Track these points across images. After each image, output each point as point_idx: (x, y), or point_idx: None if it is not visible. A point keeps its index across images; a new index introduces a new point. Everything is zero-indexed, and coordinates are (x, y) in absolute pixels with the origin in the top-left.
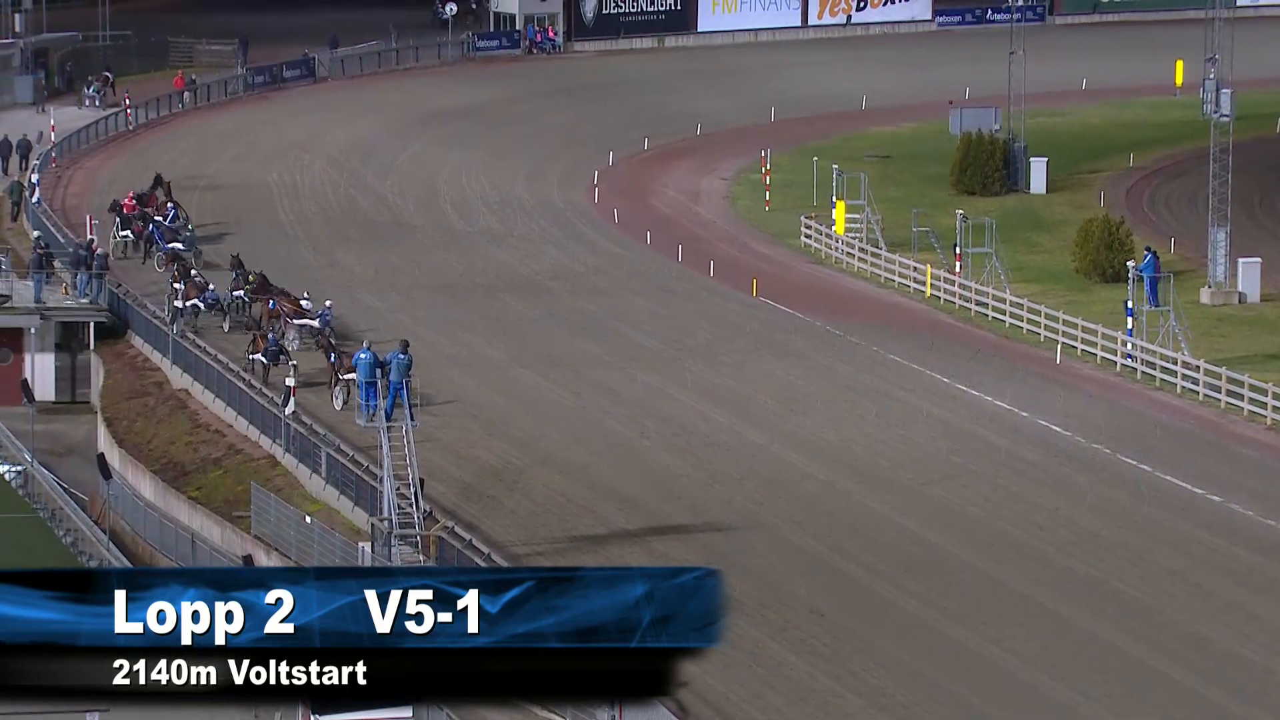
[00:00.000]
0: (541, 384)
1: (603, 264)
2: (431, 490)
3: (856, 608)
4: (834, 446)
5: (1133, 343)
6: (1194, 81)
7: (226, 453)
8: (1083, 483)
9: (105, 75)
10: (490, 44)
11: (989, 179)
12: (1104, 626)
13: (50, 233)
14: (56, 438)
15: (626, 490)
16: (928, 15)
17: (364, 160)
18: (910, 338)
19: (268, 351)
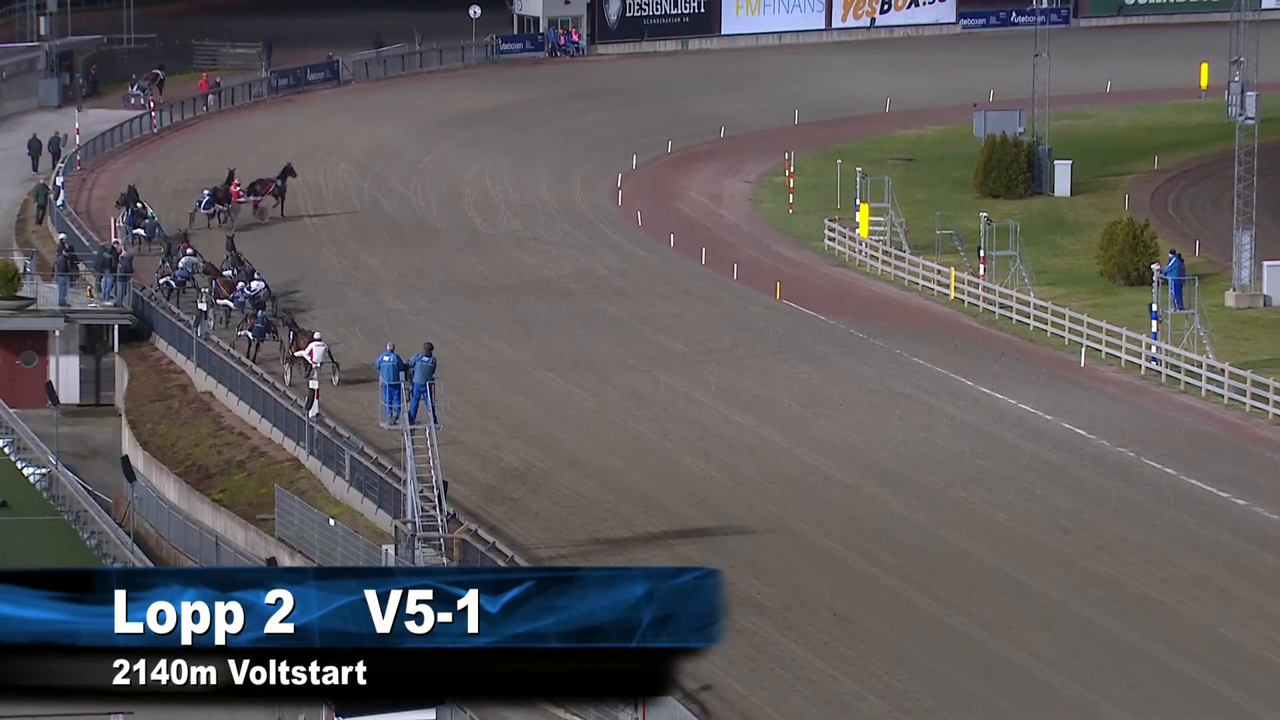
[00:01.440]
0: (565, 387)
1: (626, 267)
2: (455, 493)
3: (880, 611)
4: (857, 449)
5: (1157, 346)
6: (1219, 84)
7: (250, 455)
8: (1107, 486)
9: (155, 73)
10: (514, 46)
11: (1013, 182)
12: (1128, 630)
13: (75, 235)
14: (81, 440)
15: (650, 493)
16: (952, 17)
17: (388, 163)
18: (934, 341)
19: (254, 329)
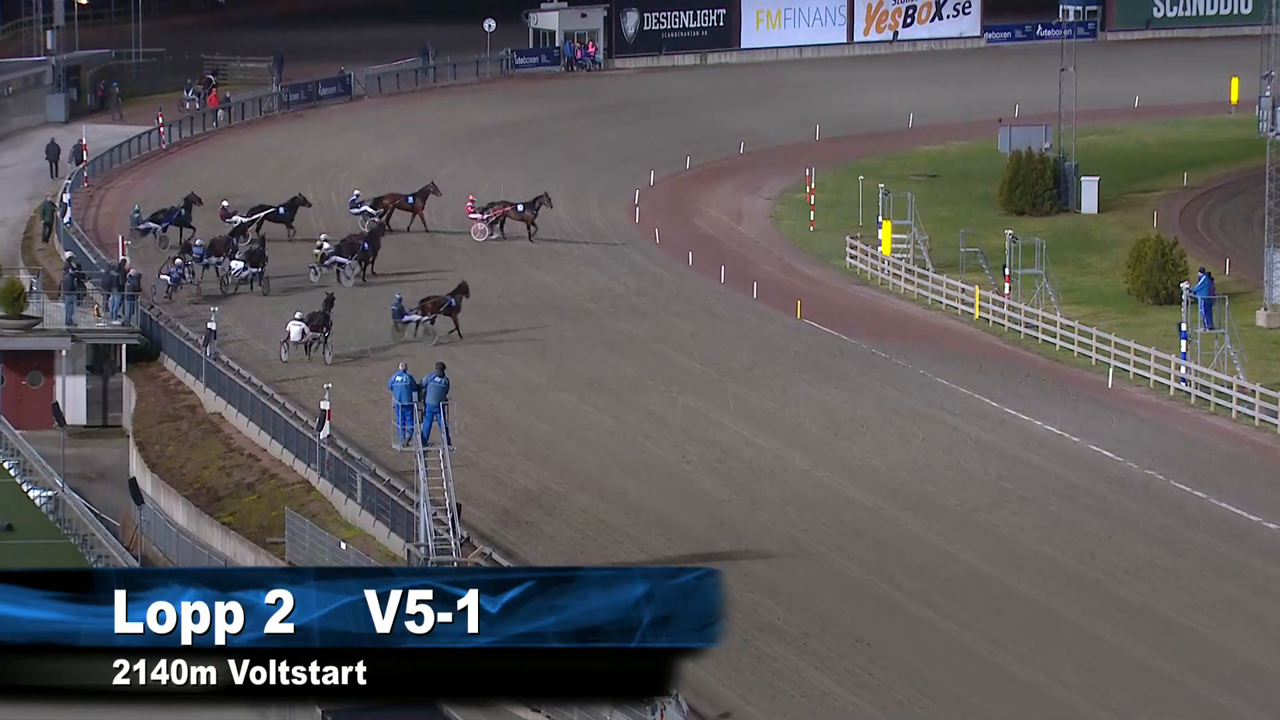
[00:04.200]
0: (581, 407)
1: (644, 285)
2: (469, 516)
3: (903, 637)
4: (880, 472)
5: (1186, 366)
6: (1249, 99)
7: (260, 477)
8: (1135, 509)
9: (208, 78)
10: (529, 61)
11: (1039, 198)
12: (1157, 657)
13: (82, 253)
14: (88, 462)
15: (668, 516)
16: (976, 31)
17: (401, 179)
18: (958, 361)
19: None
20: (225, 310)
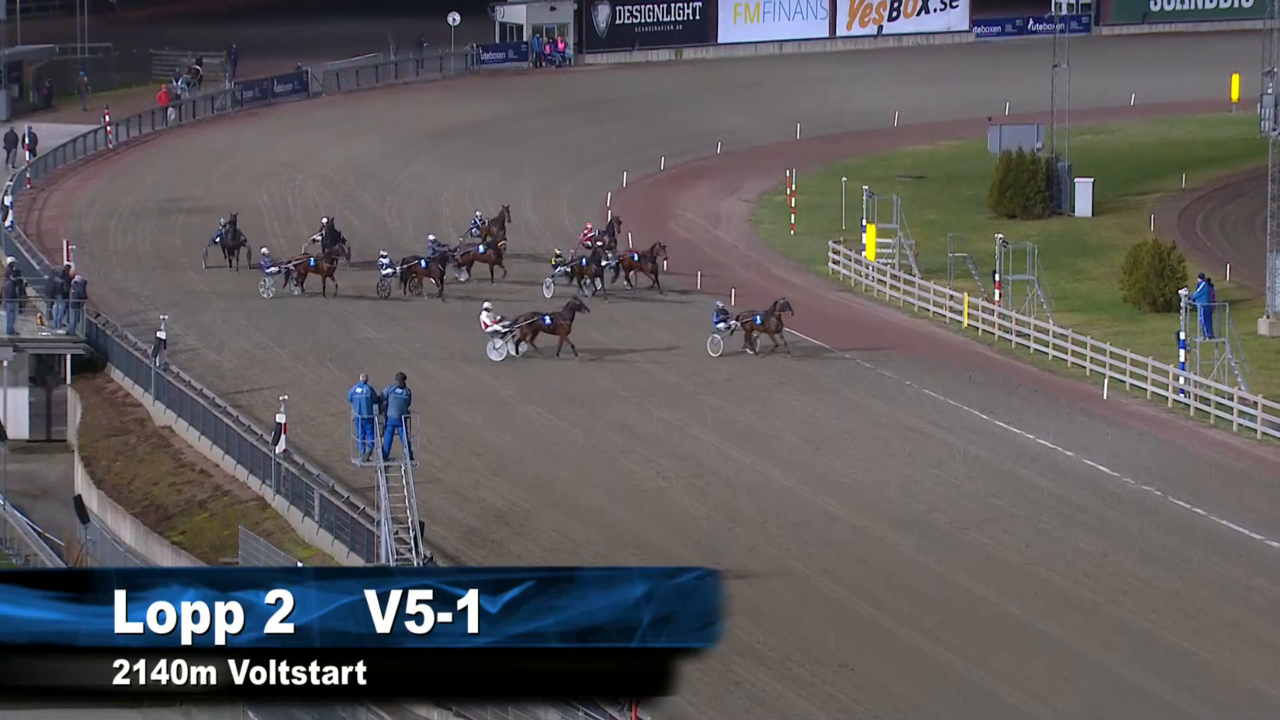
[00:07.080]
0: (551, 421)
1: (616, 291)
2: (433, 534)
3: (889, 661)
4: (865, 488)
5: (1185, 377)
6: (1251, 96)
7: (213, 494)
8: (1132, 527)
9: (195, 68)
10: (496, 56)
11: (1031, 201)
12: (1156, 682)
13: (24, 259)
14: (31, 478)
15: (642, 535)
16: (965, 25)
17: (360, 181)
18: (947, 371)
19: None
20: (175, 318)
